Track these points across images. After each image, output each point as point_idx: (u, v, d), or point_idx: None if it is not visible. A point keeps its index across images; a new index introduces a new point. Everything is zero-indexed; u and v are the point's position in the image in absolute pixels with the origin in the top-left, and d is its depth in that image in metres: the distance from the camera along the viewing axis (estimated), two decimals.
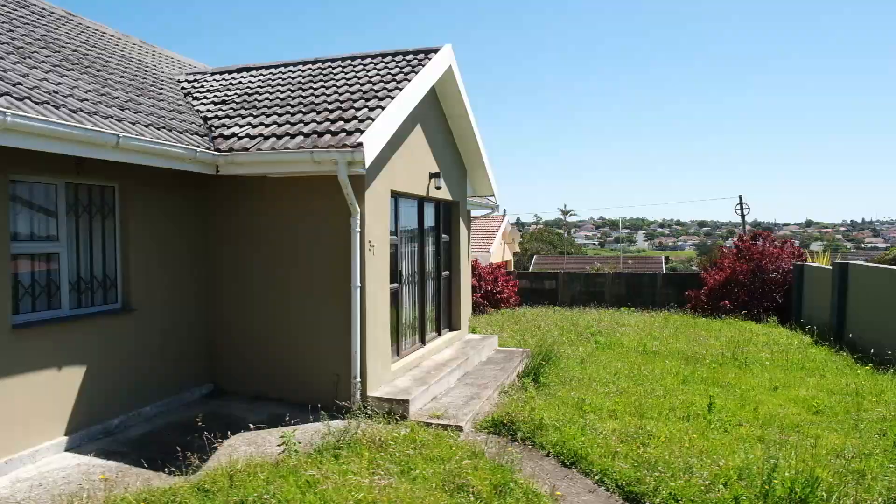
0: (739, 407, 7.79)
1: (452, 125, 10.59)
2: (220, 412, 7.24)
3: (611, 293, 22.64)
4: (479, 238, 31.70)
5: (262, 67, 10.21)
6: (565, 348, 12.04)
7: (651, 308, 20.72)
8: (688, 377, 9.55)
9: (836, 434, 6.74)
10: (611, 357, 11.32)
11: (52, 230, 6.05)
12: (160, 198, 7.09)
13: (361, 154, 6.34)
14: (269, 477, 5.07)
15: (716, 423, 6.97)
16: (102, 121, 5.66)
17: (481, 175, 11.78)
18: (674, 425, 6.90)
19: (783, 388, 8.95)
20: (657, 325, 16.00)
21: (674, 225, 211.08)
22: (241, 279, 7.87)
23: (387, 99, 7.45)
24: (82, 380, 6.11)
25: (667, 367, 10.34)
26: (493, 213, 20.31)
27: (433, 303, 10.47)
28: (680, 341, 13.19)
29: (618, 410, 7.50)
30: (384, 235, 7.86)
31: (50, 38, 7.82)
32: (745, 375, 9.80)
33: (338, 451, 5.71)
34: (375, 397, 7.33)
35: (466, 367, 9.59)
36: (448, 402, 7.87)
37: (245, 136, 7.16)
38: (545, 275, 23.86)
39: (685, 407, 7.69)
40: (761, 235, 19.45)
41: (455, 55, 9.53)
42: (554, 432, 6.52)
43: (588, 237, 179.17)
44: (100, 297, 6.57)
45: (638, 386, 8.87)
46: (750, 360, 10.95)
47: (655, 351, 12.08)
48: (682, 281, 21.87)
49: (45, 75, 6.04)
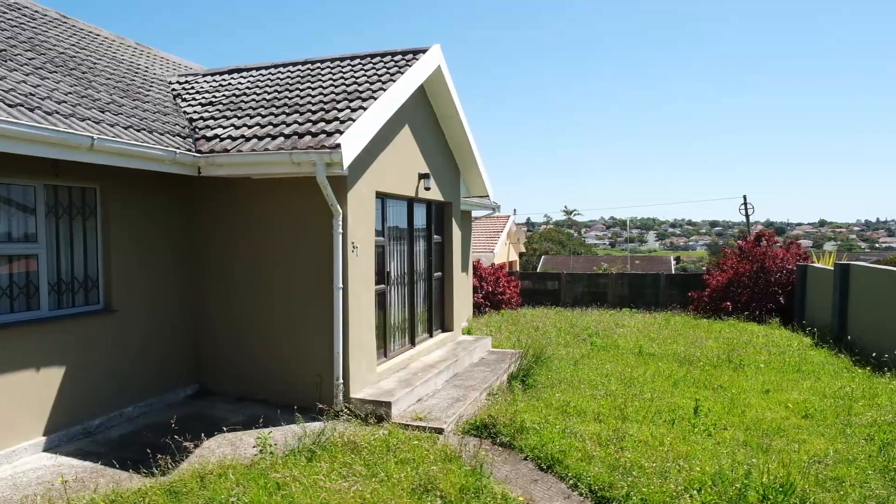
0: (727, 410, 7.69)
1: (444, 126, 10.56)
2: (203, 413, 7.25)
3: (613, 294, 22.51)
4: (483, 238, 31.63)
5: (254, 69, 10.23)
6: (560, 349, 11.98)
7: (654, 309, 20.58)
8: (679, 380, 9.45)
9: (822, 439, 6.64)
10: (605, 359, 11.24)
11: (31, 232, 6.08)
12: (142, 199, 7.11)
13: (339, 155, 6.33)
14: (239, 479, 5.07)
15: (700, 427, 6.89)
16: (79, 123, 5.68)
17: (475, 175, 11.74)
18: (657, 429, 6.83)
19: (775, 391, 8.83)
20: (657, 327, 15.88)
21: (685, 225, 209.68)
22: (225, 280, 7.88)
23: (370, 100, 7.42)
24: (62, 380, 6.14)
25: (660, 369, 10.24)
26: (494, 213, 20.30)
27: (424, 304, 10.44)
28: (677, 343, 13.07)
29: (602, 413, 7.43)
30: (369, 237, 7.84)
31: (37, 41, 7.87)
32: (738, 378, 9.68)
33: (312, 453, 5.69)
34: (358, 399, 7.31)
35: (456, 369, 9.55)
36: (433, 403, 7.83)
37: (227, 138, 7.17)
38: (548, 275, 23.77)
39: (671, 410, 7.61)
40: (764, 236, 19.23)
41: (445, 55, 9.50)
42: (534, 435, 6.48)
43: (598, 237, 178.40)
44: (81, 299, 6.60)
45: (627, 388, 8.79)
46: (745, 362, 10.83)
47: (651, 353, 11.98)
48: (686, 282, 21.70)
49: (24, 77, 6.07)
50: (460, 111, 10.28)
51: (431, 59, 9.02)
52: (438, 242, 11.02)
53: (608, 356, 11.55)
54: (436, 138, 10.29)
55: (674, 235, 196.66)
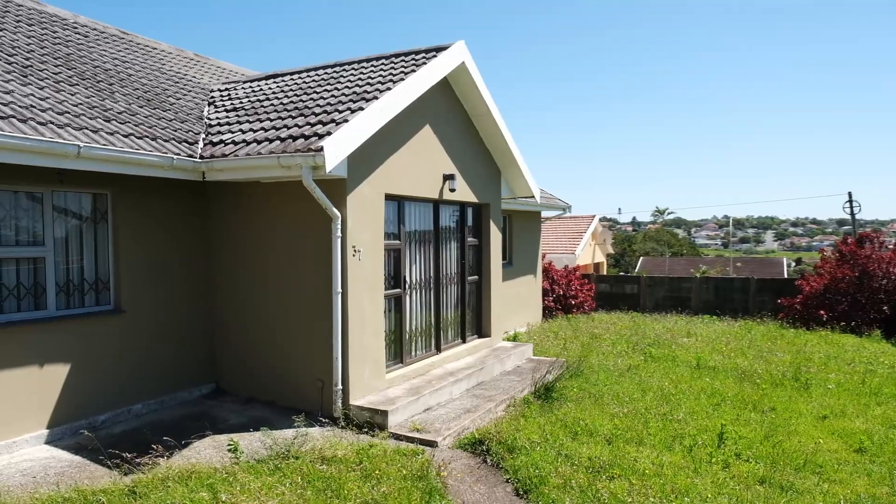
0: (762, 438, 6.80)
1: (478, 125, 10.19)
2: (208, 413, 7.40)
3: (697, 299, 20.98)
4: (564, 240, 30.69)
5: (289, 73, 10.38)
6: (609, 359, 11.25)
7: (741, 316, 18.95)
8: (726, 399, 8.53)
9: (866, 479, 5.68)
10: (655, 371, 10.40)
11: (38, 236, 6.44)
12: (153, 205, 7.37)
13: (323, 158, 6.19)
14: (194, 486, 5.06)
15: (719, 457, 6.12)
16: (75, 132, 5.93)
17: (516, 175, 11.25)
18: (669, 456, 6.14)
19: (836, 416, 7.73)
20: (732, 337, 14.55)
21: (808, 224, 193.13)
22: (235, 283, 8.02)
23: (372, 101, 7.25)
24: (67, 376, 6.47)
25: (709, 385, 9.31)
26: (564, 213, 19.52)
27: (457, 309, 10.14)
28: (745, 356, 11.88)
29: (616, 434, 6.81)
30: (375, 240, 7.67)
31: (76, 56, 8.39)
32: (797, 399, 8.59)
33: (281, 461, 5.60)
34: (357, 406, 7.17)
35: (482, 377, 9.18)
36: (439, 414, 7.54)
37: (231, 143, 7.27)
38: (626, 279, 22.57)
39: (697, 434, 6.84)
40: (869, 237, 17.13)
41: (471, 52, 9.15)
42: (523, 456, 6.02)
43: (710, 237, 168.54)
44: (91, 299, 6.93)
45: (661, 406, 8.03)
46: (814, 380, 9.61)
47: (711, 366, 10.95)
48: (779, 287, 19.79)
49: (35, 91, 6.43)
50: (492, 109, 9.87)
51: (452, 56, 8.70)
52: (475, 245, 10.67)
53: (659, 368, 10.68)
54: (468, 138, 9.95)
55: (795, 235, 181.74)
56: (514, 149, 10.71)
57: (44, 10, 9.96)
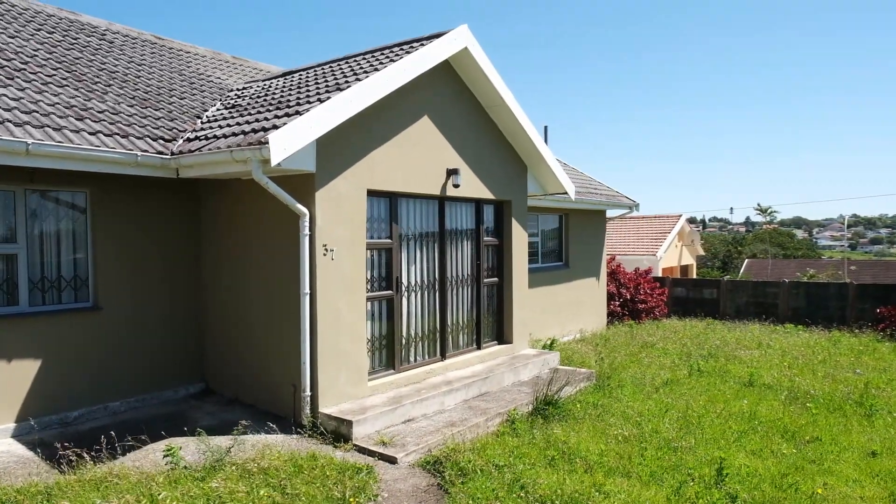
0: (777, 477, 5.67)
1: (494, 116, 9.51)
2: (185, 413, 7.29)
3: (786, 306, 18.83)
4: (646, 241, 28.89)
5: (303, 70, 10.21)
6: (650, 372, 10.18)
7: (836, 326, 16.78)
8: (760, 424, 7.33)
9: None
10: (694, 388, 9.23)
11: (11, 233, 6.57)
12: (133, 203, 7.37)
13: (268, 151, 5.83)
14: (117, 490, 4.87)
15: (707, 499, 5.13)
16: (32, 130, 5.95)
17: (544, 171, 10.42)
18: (648, 492, 5.23)
19: (888, 455, 6.38)
20: (811, 349, 12.80)
21: None
22: (219, 281, 7.90)
23: (335, 91, 6.84)
24: (37, 371, 6.55)
25: (750, 407, 8.07)
26: (631, 212, 18.18)
27: (470, 312, 9.51)
28: (816, 373, 10.33)
29: (600, 462, 5.95)
30: (354, 239, 7.24)
31: (84, 60, 8.62)
32: (851, 429, 7.23)
33: (210, 471, 5.31)
34: (325, 414, 6.77)
35: (487, 387, 8.51)
36: (419, 426, 6.99)
37: (204, 139, 7.11)
38: (704, 282, 20.68)
39: (696, 467, 5.83)
40: None
41: (476, 37, 8.50)
42: (473, 482, 5.35)
43: (835, 238, 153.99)
44: (69, 296, 7.01)
45: (675, 430, 7.01)
46: (882, 407, 8.08)
47: (765, 384, 9.58)
48: (885, 294, 17.31)
49: (7, 92, 6.49)
50: (507, 99, 9.15)
51: (446, 43, 8.09)
52: (494, 245, 9.99)
53: (701, 385, 9.47)
54: (482, 131, 9.30)
55: None
56: (538, 142, 9.90)
57: (77, 19, 10.41)
